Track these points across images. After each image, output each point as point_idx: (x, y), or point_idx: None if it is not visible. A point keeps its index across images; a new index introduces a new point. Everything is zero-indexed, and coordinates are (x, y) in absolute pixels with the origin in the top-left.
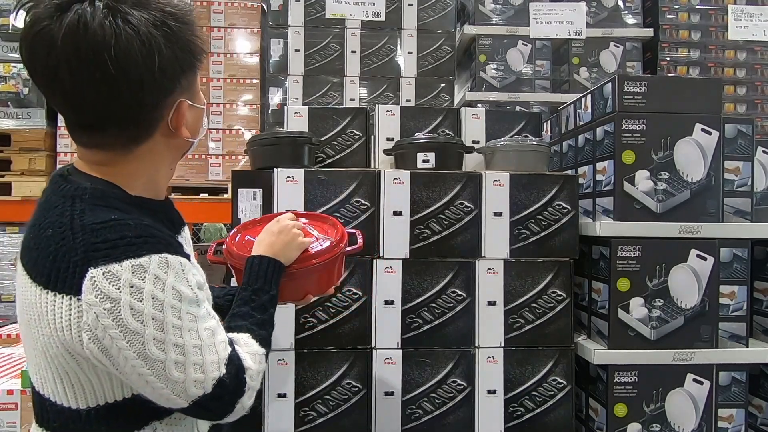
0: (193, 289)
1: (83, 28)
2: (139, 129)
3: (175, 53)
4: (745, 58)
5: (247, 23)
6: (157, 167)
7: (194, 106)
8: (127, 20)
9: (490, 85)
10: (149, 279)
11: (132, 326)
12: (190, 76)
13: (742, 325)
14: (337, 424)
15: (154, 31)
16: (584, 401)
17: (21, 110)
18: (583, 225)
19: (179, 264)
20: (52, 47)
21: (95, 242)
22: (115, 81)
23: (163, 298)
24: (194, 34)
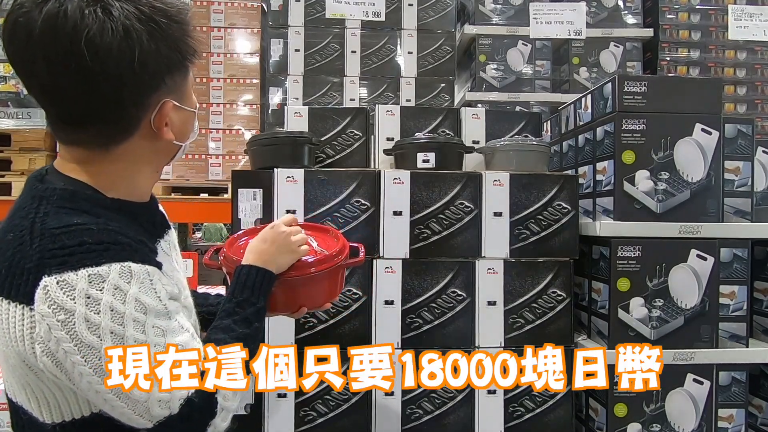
0: (162, 300)
1: (62, 17)
2: (118, 127)
3: (159, 49)
4: (745, 58)
5: (247, 23)
6: (139, 169)
7: (182, 108)
8: (109, 11)
9: (490, 85)
10: (108, 289)
11: (87, 340)
12: (177, 76)
13: (742, 325)
14: (337, 423)
15: (138, 25)
16: (584, 401)
17: (21, 110)
18: (583, 225)
19: (145, 273)
20: (30, 36)
21: (52, 248)
22: (92, 74)
23: (124, 311)
24: (185, 33)
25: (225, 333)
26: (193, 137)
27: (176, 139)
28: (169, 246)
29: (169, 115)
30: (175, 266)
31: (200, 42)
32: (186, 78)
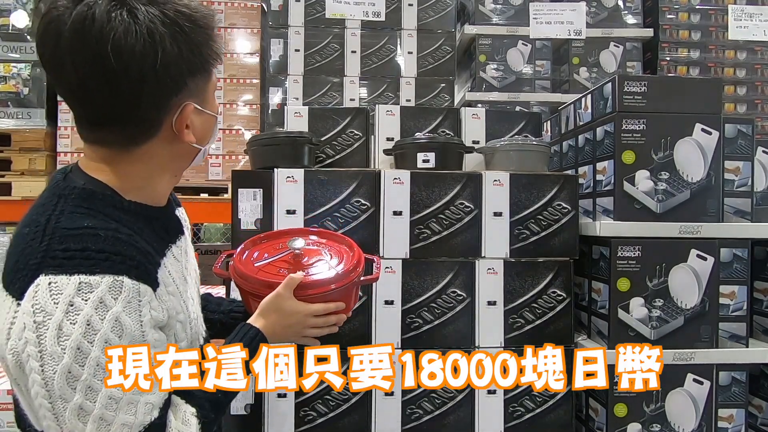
0: (143, 327)
1: (90, 20)
2: (139, 128)
3: (181, 53)
4: (745, 58)
5: (247, 23)
6: (160, 172)
7: (203, 111)
8: (134, 14)
9: (490, 85)
10: (92, 301)
11: (50, 349)
12: (199, 80)
13: (742, 325)
14: (337, 423)
15: (162, 28)
16: (584, 401)
17: (21, 110)
18: (583, 225)
19: (136, 293)
20: (60, 37)
21: (56, 249)
22: (116, 75)
23: (99, 328)
24: (209, 38)
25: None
26: (212, 142)
27: (197, 143)
28: (180, 251)
29: (190, 118)
30: (184, 274)
31: (221, 47)
32: (208, 82)
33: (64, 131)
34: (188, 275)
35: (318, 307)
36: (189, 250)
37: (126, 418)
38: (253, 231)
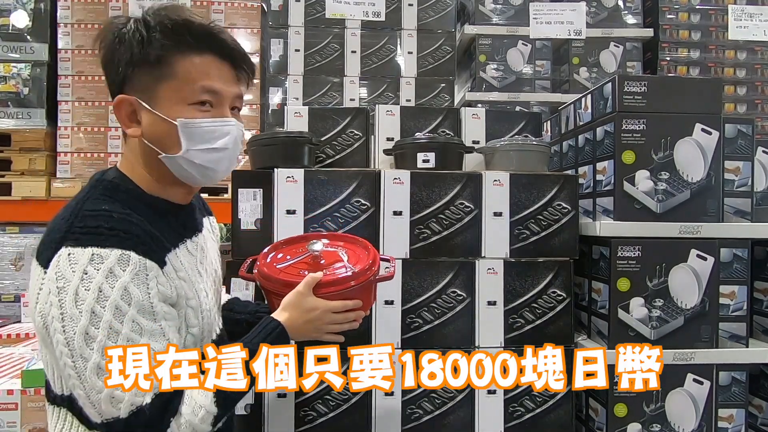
0: (151, 297)
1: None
2: (117, 115)
3: (124, 44)
4: (745, 58)
5: (247, 23)
6: (142, 168)
7: (149, 110)
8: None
9: (490, 85)
10: (103, 270)
11: (70, 311)
12: (145, 76)
13: (742, 325)
14: (337, 423)
15: (131, 26)
16: (584, 401)
17: (21, 110)
18: (583, 225)
19: (143, 266)
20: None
21: (76, 226)
22: (104, 63)
23: (110, 294)
24: (164, 41)
25: None
26: (187, 156)
27: (154, 145)
28: (195, 247)
29: (139, 114)
30: (198, 267)
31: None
32: (160, 82)
33: (64, 131)
34: (203, 270)
35: (336, 304)
36: (209, 251)
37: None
38: (253, 231)
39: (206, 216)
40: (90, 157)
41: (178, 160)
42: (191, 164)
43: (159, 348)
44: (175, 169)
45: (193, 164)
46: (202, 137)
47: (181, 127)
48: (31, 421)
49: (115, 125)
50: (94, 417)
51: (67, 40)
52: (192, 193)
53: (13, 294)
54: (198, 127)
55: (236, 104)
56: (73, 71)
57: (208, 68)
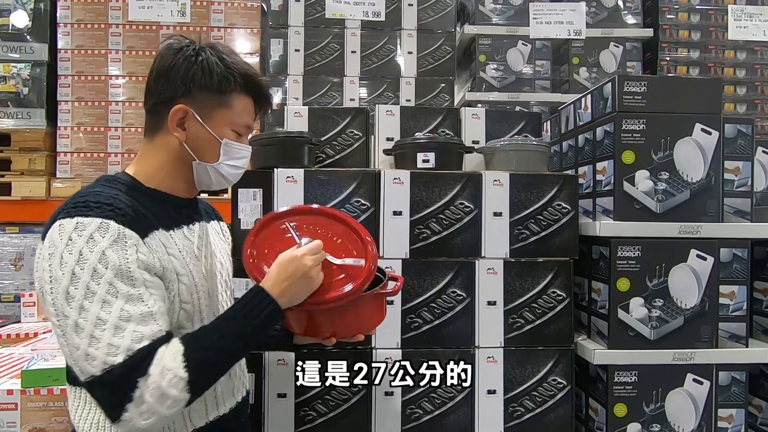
0: (130, 263)
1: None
2: (154, 118)
3: (195, 67)
4: (745, 58)
5: (247, 23)
6: (169, 167)
7: (201, 123)
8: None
9: (490, 85)
10: (84, 236)
11: (56, 274)
12: (206, 96)
13: (742, 325)
14: (337, 423)
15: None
16: (584, 401)
17: (21, 110)
18: (583, 225)
19: (122, 234)
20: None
21: (70, 203)
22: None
23: (88, 257)
24: (228, 73)
25: (195, 338)
26: (217, 164)
27: (192, 151)
28: (193, 234)
29: (186, 122)
30: (195, 252)
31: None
32: (218, 105)
33: (63, 131)
34: (202, 256)
35: (312, 245)
36: (213, 247)
37: (113, 339)
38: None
39: (215, 220)
40: (90, 157)
41: (208, 167)
42: (217, 173)
43: (133, 311)
44: (200, 173)
45: (218, 173)
46: (233, 155)
47: (224, 146)
48: (31, 421)
49: (115, 125)
50: (79, 376)
51: (67, 40)
52: (192, 192)
53: (13, 294)
54: (233, 148)
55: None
56: (73, 71)
57: (249, 109)
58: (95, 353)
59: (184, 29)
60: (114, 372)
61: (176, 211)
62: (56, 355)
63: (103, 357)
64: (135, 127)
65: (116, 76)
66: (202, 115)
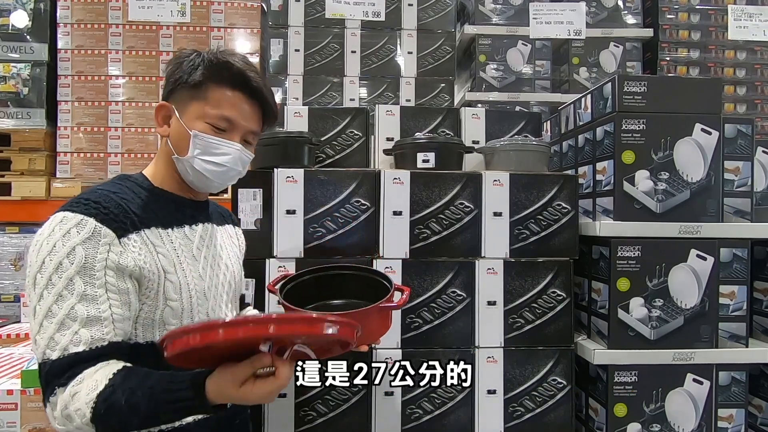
0: (96, 263)
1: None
2: (158, 116)
3: (182, 68)
4: (745, 58)
5: (247, 23)
6: (165, 163)
7: (178, 119)
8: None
9: (490, 85)
10: (63, 230)
11: (32, 259)
12: (184, 94)
13: (742, 325)
14: (337, 423)
15: (189, 54)
16: (584, 401)
17: (21, 110)
18: (583, 225)
19: (97, 233)
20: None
21: (75, 197)
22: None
23: (59, 251)
24: (210, 70)
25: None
26: (191, 162)
27: (173, 145)
28: (195, 234)
29: (171, 119)
30: (194, 252)
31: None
32: (192, 99)
33: (63, 131)
34: (200, 256)
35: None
36: (220, 249)
37: (55, 335)
38: (253, 231)
39: (229, 224)
40: (90, 157)
41: (185, 162)
42: (193, 169)
43: (81, 311)
44: (182, 171)
45: (194, 170)
46: (206, 149)
47: (193, 138)
48: (31, 421)
49: (115, 125)
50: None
51: (67, 40)
52: (198, 194)
53: (13, 294)
54: (205, 140)
55: (249, 138)
56: (73, 71)
57: (232, 102)
58: (40, 342)
59: (184, 29)
60: (45, 366)
61: (179, 210)
62: None
63: (44, 348)
64: (135, 127)
65: (116, 76)
66: (179, 109)
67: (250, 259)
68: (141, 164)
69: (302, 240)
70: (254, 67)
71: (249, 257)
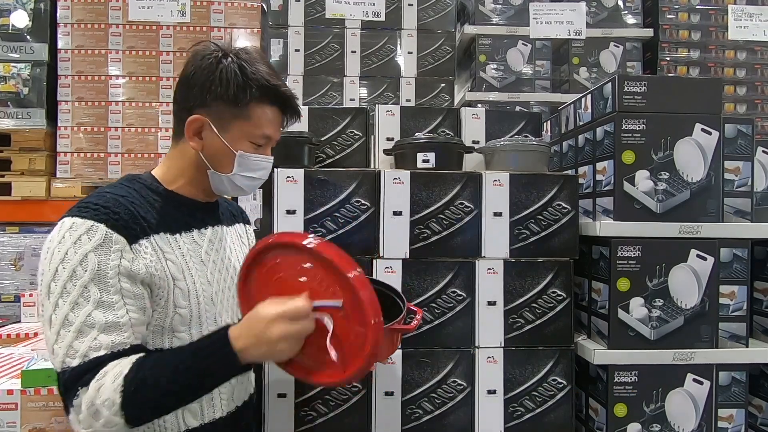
0: (109, 269)
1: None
2: (177, 125)
3: (213, 78)
4: (745, 58)
5: (247, 23)
6: (187, 171)
7: (216, 134)
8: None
9: (490, 85)
10: (74, 237)
11: (44, 266)
12: (222, 107)
13: (742, 325)
14: (337, 424)
15: (218, 61)
16: (584, 401)
17: (21, 110)
18: (583, 225)
19: (108, 240)
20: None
21: (82, 201)
22: (186, 80)
23: (72, 259)
24: (246, 85)
25: (141, 369)
26: (232, 175)
27: (207, 160)
28: (203, 239)
29: (203, 132)
30: (202, 257)
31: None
32: (235, 117)
33: (64, 131)
34: (209, 261)
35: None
36: (230, 251)
37: (74, 342)
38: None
39: (240, 223)
40: (90, 157)
41: (223, 178)
42: (232, 183)
43: (99, 318)
44: (215, 183)
45: (233, 184)
46: (249, 167)
47: (238, 157)
48: (31, 421)
49: (115, 125)
50: (54, 366)
51: (67, 40)
52: (212, 196)
53: (13, 294)
54: (250, 160)
55: (274, 144)
56: (73, 71)
57: (271, 118)
58: (58, 351)
59: (184, 29)
60: (66, 374)
61: (190, 214)
62: None
63: (63, 357)
64: (135, 127)
65: (116, 76)
66: (219, 126)
67: None
68: (141, 164)
69: None
70: (280, 77)
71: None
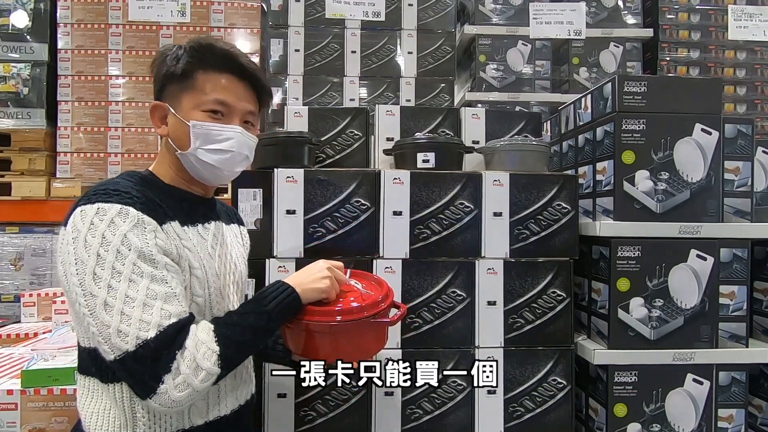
0: (150, 246)
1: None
2: (153, 115)
3: (167, 63)
4: (745, 58)
5: (247, 23)
6: (166, 159)
7: (174, 115)
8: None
9: (490, 85)
10: (106, 220)
11: (81, 255)
12: (175, 88)
13: (742, 325)
14: (337, 424)
15: (173, 49)
16: (584, 401)
17: (21, 110)
18: (583, 225)
19: (140, 219)
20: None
21: (91, 191)
22: (153, 79)
23: (112, 240)
24: (194, 60)
25: (228, 323)
26: (197, 151)
27: (174, 143)
28: (208, 233)
29: (168, 118)
30: (209, 250)
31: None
32: (183, 91)
33: (63, 131)
34: (215, 255)
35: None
36: (229, 247)
37: (143, 315)
38: (253, 231)
39: (235, 223)
40: (90, 157)
41: (189, 157)
42: (200, 161)
43: (159, 290)
44: (189, 166)
45: (201, 162)
46: (208, 138)
47: (192, 128)
48: (31, 421)
49: (115, 125)
50: (107, 354)
51: (67, 40)
52: (208, 190)
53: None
54: (205, 128)
55: (248, 119)
56: (73, 71)
57: (224, 84)
58: (127, 329)
59: (184, 29)
60: (149, 345)
61: (192, 208)
62: (56, 355)
63: (135, 332)
64: (135, 127)
65: (116, 76)
66: (174, 105)
67: (250, 259)
68: (141, 164)
69: (302, 240)
70: (237, 48)
71: (249, 257)
